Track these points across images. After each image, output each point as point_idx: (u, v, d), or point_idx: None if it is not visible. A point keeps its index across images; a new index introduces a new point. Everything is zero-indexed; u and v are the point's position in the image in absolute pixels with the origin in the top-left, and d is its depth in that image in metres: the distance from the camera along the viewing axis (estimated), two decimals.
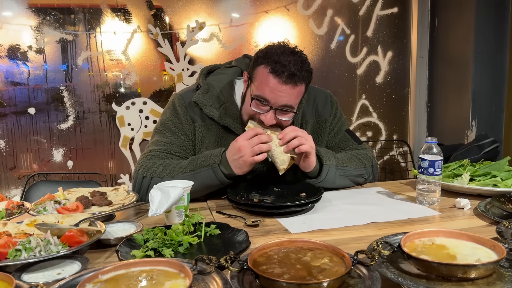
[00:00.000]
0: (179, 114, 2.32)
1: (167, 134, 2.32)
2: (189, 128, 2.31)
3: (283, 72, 2.03)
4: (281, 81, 2.04)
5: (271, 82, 2.05)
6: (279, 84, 2.04)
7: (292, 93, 2.07)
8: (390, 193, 2.26)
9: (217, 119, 2.28)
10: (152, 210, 1.70)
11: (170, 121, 2.33)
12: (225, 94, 2.33)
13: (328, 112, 2.47)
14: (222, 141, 2.30)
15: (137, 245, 1.56)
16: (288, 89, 2.06)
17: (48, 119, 4.01)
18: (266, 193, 2.12)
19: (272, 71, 2.04)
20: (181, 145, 2.31)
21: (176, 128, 2.32)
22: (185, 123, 2.31)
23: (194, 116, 2.31)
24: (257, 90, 2.10)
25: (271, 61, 2.06)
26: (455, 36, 4.49)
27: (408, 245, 1.31)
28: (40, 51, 3.93)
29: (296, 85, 2.07)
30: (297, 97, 2.12)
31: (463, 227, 1.74)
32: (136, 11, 4.11)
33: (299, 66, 2.06)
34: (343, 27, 4.64)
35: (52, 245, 1.44)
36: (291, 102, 2.10)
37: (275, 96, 2.06)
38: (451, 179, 2.27)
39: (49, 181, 3.62)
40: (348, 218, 1.85)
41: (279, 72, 2.03)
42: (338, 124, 2.50)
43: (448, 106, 4.64)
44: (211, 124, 2.30)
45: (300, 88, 2.10)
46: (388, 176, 4.96)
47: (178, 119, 2.32)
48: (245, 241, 1.57)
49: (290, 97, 2.08)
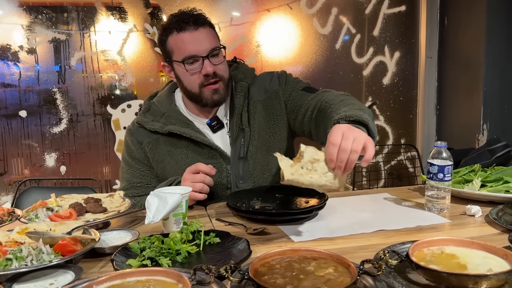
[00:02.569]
0: (129, 143, 2.45)
1: (126, 168, 2.47)
2: (140, 153, 2.42)
3: (187, 23, 2.24)
4: (191, 30, 2.24)
5: (185, 37, 2.24)
6: (191, 33, 2.24)
7: (207, 34, 2.27)
8: (397, 199, 2.26)
9: (159, 129, 2.36)
10: (149, 218, 1.71)
11: (125, 153, 2.49)
12: (165, 105, 2.46)
13: (276, 84, 2.48)
14: (172, 149, 2.38)
15: (133, 254, 1.56)
16: (202, 33, 2.25)
17: (40, 123, 4.01)
18: (268, 199, 2.13)
19: (179, 30, 2.25)
20: (139, 175, 2.43)
21: (131, 158, 2.45)
22: (135, 150, 2.43)
23: (140, 138, 2.42)
24: (181, 55, 2.26)
25: (172, 26, 2.27)
26: (466, 35, 4.49)
27: (416, 254, 1.31)
28: (32, 51, 3.93)
29: (205, 27, 2.28)
30: (213, 36, 2.31)
31: (474, 235, 1.74)
32: (132, 10, 4.11)
33: (197, 13, 2.32)
34: (348, 26, 4.64)
35: (44, 254, 1.44)
36: (212, 43, 2.27)
37: (197, 45, 2.24)
38: (462, 185, 2.27)
39: (41, 187, 3.62)
40: (353, 226, 1.85)
41: (184, 26, 2.24)
42: (292, 88, 2.44)
43: (458, 108, 4.64)
44: (157, 138, 2.40)
45: (210, 29, 2.31)
46: (395, 182, 4.96)
47: (129, 149, 2.46)
48: (246, 250, 1.57)
49: (207, 39, 2.26)
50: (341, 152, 1.63)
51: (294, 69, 4.53)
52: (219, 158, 2.35)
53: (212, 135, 2.41)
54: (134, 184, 2.41)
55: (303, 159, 1.68)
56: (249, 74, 2.50)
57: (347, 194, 2.40)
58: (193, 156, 2.34)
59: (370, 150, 1.65)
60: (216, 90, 2.30)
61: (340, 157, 1.63)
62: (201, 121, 2.42)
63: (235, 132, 2.38)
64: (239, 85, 2.43)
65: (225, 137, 2.41)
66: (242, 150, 2.37)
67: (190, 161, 2.30)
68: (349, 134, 1.66)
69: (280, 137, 2.45)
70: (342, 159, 1.63)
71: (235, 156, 2.37)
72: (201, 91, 2.29)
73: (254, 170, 2.38)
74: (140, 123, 2.41)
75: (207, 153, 2.35)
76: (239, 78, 2.45)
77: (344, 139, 1.64)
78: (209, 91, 2.29)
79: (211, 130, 2.41)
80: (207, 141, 2.33)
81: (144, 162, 2.42)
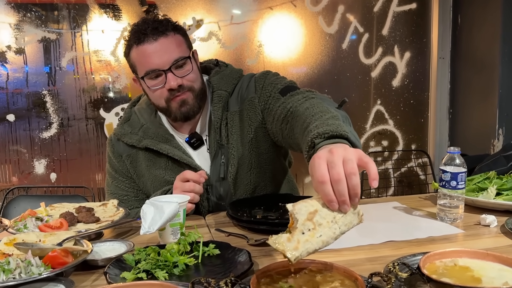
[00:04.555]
0: (110, 155, 2.45)
1: (110, 181, 2.47)
2: (122, 166, 2.42)
3: (144, 34, 2.13)
4: (150, 41, 2.13)
5: (144, 50, 2.14)
6: (150, 45, 2.13)
7: (168, 44, 2.15)
8: (408, 208, 2.26)
9: (136, 144, 2.33)
10: (144, 228, 1.71)
11: (108, 165, 2.48)
12: (145, 115, 2.40)
13: (252, 91, 2.30)
14: (151, 165, 2.35)
15: (127, 267, 1.56)
16: (162, 43, 2.14)
17: (29, 127, 4.02)
18: (270, 208, 2.12)
19: (138, 42, 2.14)
20: (125, 187, 2.43)
21: (114, 170, 2.45)
22: (117, 162, 2.43)
23: (120, 151, 2.42)
24: (143, 69, 2.17)
25: (132, 39, 2.17)
26: (480, 34, 4.50)
27: (428, 267, 1.31)
28: (20, 52, 3.95)
29: (166, 35, 2.15)
30: (177, 45, 2.18)
31: (489, 246, 1.73)
32: (126, 7, 4.13)
33: (157, 21, 2.17)
34: (355, 25, 4.66)
35: (34, 267, 1.44)
36: (175, 53, 2.15)
37: (157, 58, 2.13)
38: (476, 193, 2.27)
39: (30, 196, 3.63)
40: (361, 237, 1.85)
41: (142, 37, 2.13)
42: (269, 93, 2.23)
43: (473, 112, 4.64)
44: (136, 152, 2.38)
45: (174, 37, 2.17)
46: (405, 190, 4.96)
47: (111, 161, 2.45)
48: (248, 262, 1.56)
49: (169, 49, 2.15)
50: (336, 184, 1.27)
51: (298, 71, 4.54)
52: None
53: (193, 152, 2.34)
54: (120, 197, 2.39)
55: (299, 222, 1.28)
56: (230, 80, 2.36)
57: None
58: (171, 174, 2.27)
59: (370, 163, 1.31)
60: (183, 101, 2.20)
61: (338, 191, 1.27)
62: (180, 135, 2.36)
63: (214, 149, 2.29)
64: (216, 94, 2.31)
65: (206, 154, 2.34)
66: (222, 170, 2.29)
67: (169, 179, 2.26)
68: (334, 159, 1.30)
69: (260, 152, 2.31)
70: (342, 192, 1.27)
71: (215, 177, 2.30)
72: (168, 105, 2.22)
73: (236, 191, 2.32)
74: (117, 135, 2.40)
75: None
76: (217, 87, 2.33)
77: (331, 167, 1.29)
78: (176, 103, 2.20)
79: (191, 147, 2.34)
80: (186, 159, 2.27)
81: (127, 175, 2.42)
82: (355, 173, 1.28)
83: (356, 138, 1.65)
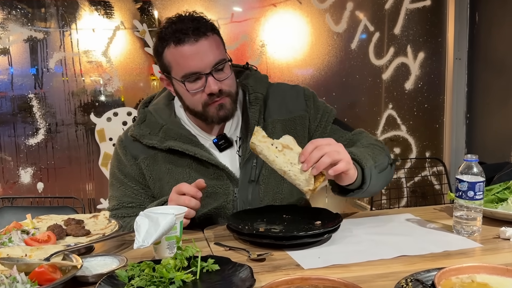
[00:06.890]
0: (121, 157, 2.42)
1: (117, 186, 2.44)
2: (134, 170, 2.40)
3: (185, 34, 2.16)
4: (191, 42, 2.16)
5: (184, 51, 2.17)
6: (191, 47, 2.16)
7: (209, 46, 2.20)
8: (421, 221, 2.26)
9: (158, 145, 2.34)
10: (138, 242, 1.71)
11: (116, 169, 2.45)
12: (163, 116, 2.42)
13: (302, 107, 2.45)
14: (173, 168, 2.36)
15: (120, 283, 1.56)
16: (203, 45, 2.18)
17: (14, 133, 4.03)
18: (273, 220, 2.12)
19: (177, 43, 2.17)
20: (132, 194, 2.41)
21: (123, 174, 2.42)
22: (128, 165, 2.41)
23: (135, 153, 2.40)
24: (181, 71, 2.21)
25: (169, 37, 2.19)
26: (500, 34, 4.50)
27: (443, 283, 1.31)
28: (5, 52, 3.96)
29: (207, 36, 2.19)
30: (217, 46, 2.24)
31: (509, 261, 1.73)
32: (119, 5, 4.14)
33: (197, 20, 2.21)
34: (365, 23, 4.66)
35: (19, 283, 1.45)
36: (216, 56, 2.21)
37: (198, 60, 2.17)
38: (495, 205, 2.27)
39: (15, 207, 3.64)
40: (371, 251, 1.86)
41: (182, 37, 2.16)
42: (322, 117, 2.46)
43: (491, 117, 4.64)
44: (155, 154, 2.37)
45: (213, 38, 2.23)
46: (419, 200, 4.96)
47: (122, 164, 2.43)
48: (249, 279, 1.57)
49: (210, 51, 2.19)
50: (316, 150, 1.90)
51: (303, 72, 4.55)
52: (225, 180, 2.33)
53: (219, 154, 2.38)
54: (125, 204, 2.39)
55: (277, 140, 2.00)
56: (263, 84, 2.45)
57: (364, 215, 2.40)
58: (196, 176, 2.28)
59: (340, 165, 1.91)
60: (222, 105, 2.26)
61: (313, 153, 1.90)
62: (206, 136, 2.39)
63: (247, 151, 2.33)
64: (253, 97, 2.39)
65: (234, 156, 2.39)
66: (253, 173, 2.34)
67: (192, 181, 2.22)
68: (332, 144, 1.95)
69: None
70: (314, 156, 1.89)
71: (245, 179, 2.35)
72: (205, 110, 2.26)
73: (264, 196, 2.36)
74: (135, 136, 2.38)
75: (212, 173, 2.32)
76: (253, 89, 2.41)
77: (326, 144, 1.93)
78: (214, 107, 2.24)
79: (217, 149, 2.38)
80: (214, 160, 2.30)
81: (138, 180, 2.40)
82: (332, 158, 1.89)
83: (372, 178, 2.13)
